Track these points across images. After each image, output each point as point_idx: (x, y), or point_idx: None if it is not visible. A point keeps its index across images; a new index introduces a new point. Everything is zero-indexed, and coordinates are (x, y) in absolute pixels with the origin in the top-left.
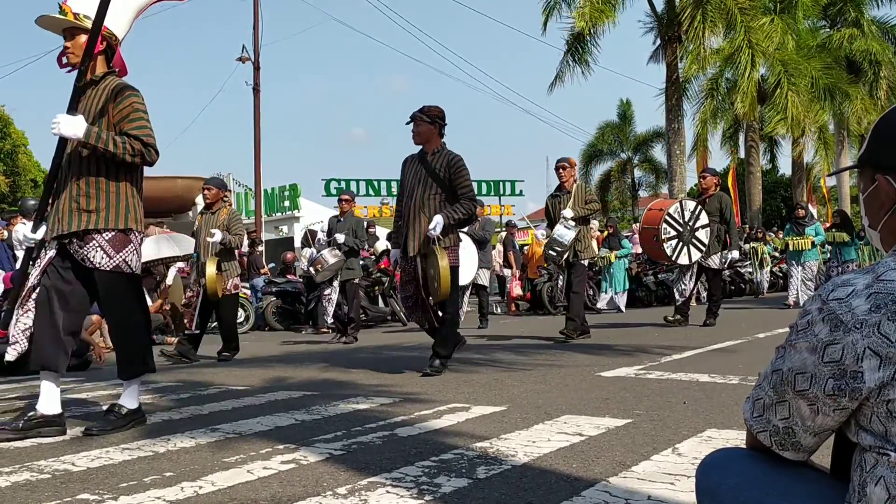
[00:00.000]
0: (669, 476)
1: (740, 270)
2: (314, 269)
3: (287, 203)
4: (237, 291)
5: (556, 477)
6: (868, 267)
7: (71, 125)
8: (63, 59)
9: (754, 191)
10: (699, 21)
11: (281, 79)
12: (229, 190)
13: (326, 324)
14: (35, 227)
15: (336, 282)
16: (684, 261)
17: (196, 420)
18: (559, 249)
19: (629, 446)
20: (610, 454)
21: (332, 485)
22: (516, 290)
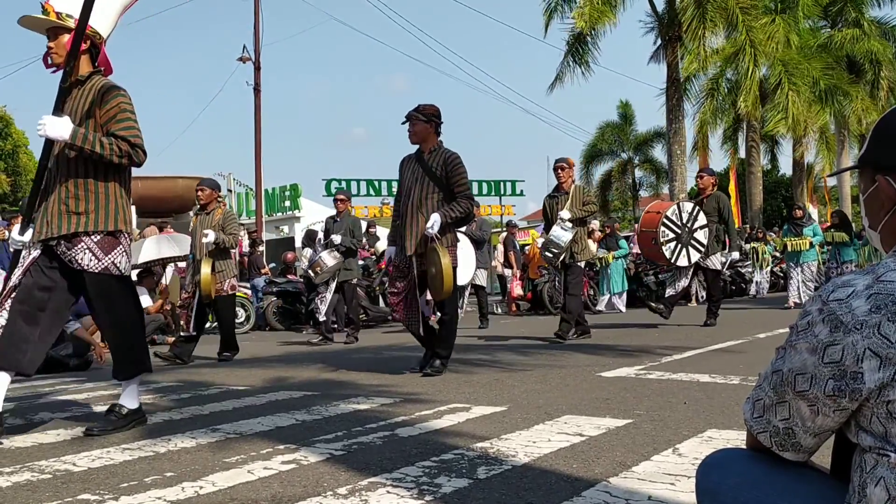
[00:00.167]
0: (670, 476)
1: (741, 270)
2: (313, 272)
3: (288, 203)
4: (234, 292)
5: (557, 477)
6: (868, 267)
7: (57, 126)
8: (48, 60)
9: (755, 191)
10: (699, 21)
11: (281, 79)
12: (229, 190)
13: (318, 322)
14: (22, 230)
15: (333, 282)
16: (683, 263)
17: (197, 420)
18: (555, 251)
19: (630, 446)
20: (610, 454)
21: (333, 485)
22: (517, 290)
